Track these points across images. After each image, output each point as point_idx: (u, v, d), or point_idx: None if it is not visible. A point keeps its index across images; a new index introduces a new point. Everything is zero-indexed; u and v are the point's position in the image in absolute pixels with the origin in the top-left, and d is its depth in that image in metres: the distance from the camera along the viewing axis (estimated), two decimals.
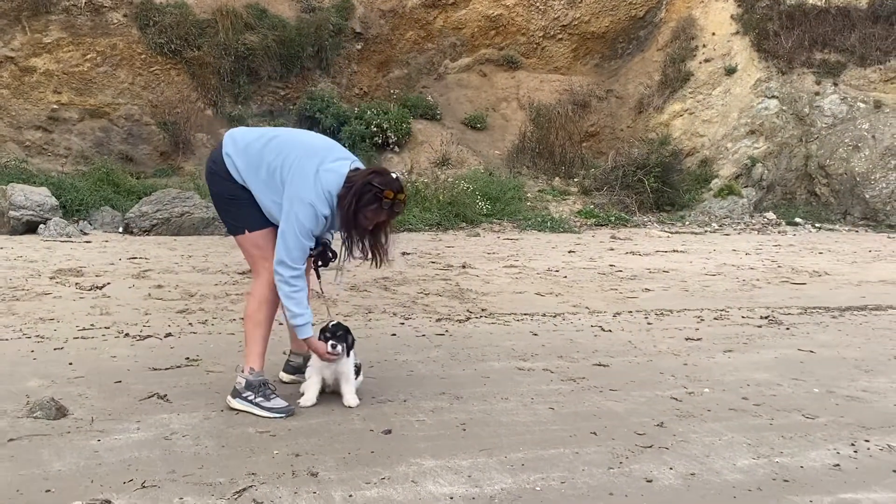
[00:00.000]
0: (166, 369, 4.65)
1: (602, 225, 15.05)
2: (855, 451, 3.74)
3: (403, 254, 9.62)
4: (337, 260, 4.18)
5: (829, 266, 9.89)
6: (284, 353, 4.64)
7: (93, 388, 4.25)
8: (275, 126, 7.77)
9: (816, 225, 17.29)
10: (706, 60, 19.73)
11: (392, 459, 3.48)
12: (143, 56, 16.08)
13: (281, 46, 17.49)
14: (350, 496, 3.11)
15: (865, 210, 17.96)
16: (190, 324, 5.74)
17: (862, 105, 18.63)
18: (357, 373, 4.20)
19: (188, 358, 4.89)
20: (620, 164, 17.48)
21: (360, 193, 3.83)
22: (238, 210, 4.09)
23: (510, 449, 3.64)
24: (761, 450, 3.74)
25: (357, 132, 17.03)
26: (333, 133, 16.90)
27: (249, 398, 3.99)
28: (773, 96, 18.97)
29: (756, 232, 15.84)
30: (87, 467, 3.29)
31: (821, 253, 11.40)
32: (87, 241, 10.28)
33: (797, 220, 17.42)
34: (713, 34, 20.06)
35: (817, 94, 18.91)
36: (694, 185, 18.09)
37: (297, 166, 3.93)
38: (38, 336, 5.25)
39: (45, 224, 11.11)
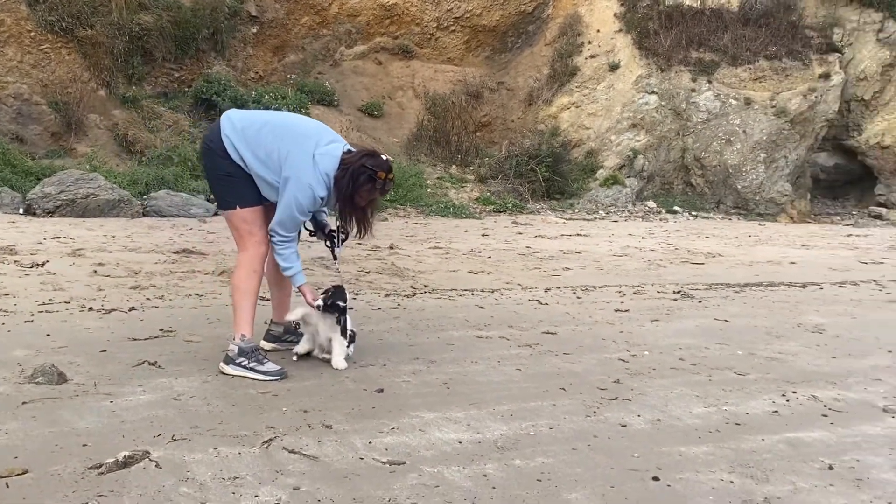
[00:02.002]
0: (145, 339, 4.80)
1: (500, 211, 15.63)
2: (787, 401, 4.32)
3: None
4: (346, 238, 4.51)
5: (720, 248, 10.77)
6: (266, 323, 4.86)
7: (81, 357, 4.37)
8: (259, 109, 7.86)
9: (693, 213, 18.48)
10: (591, 56, 20.60)
11: (394, 413, 3.81)
12: (32, 34, 15.50)
13: (176, 27, 17.21)
14: (370, 443, 3.43)
15: (737, 199, 19.33)
16: (148, 299, 5.85)
17: (734, 102, 19.94)
18: (351, 340, 4.48)
19: (162, 329, 5.04)
20: (514, 154, 18.14)
21: (356, 175, 4.15)
22: (231, 187, 4.30)
23: (494, 403, 4.03)
24: (709, 400, 4.27)
25: None
26: None
27: (243, 364, 4.22)
28: (653, 92, 20.02)
29: (640, 219, 16.80)
30: (112, 425, 3.47)
31: (707, 237, 12.33)
32: None
33: (676, 208, 18.57)
34: (598, 31, 20.94)
35: (693, 90, 20.08)
36: (581, 174, 18.95)
37: (294, 151, 4.20)
38: (0, 310, 5.26)
39: None
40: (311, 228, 4.56)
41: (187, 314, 5.51)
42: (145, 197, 12.72)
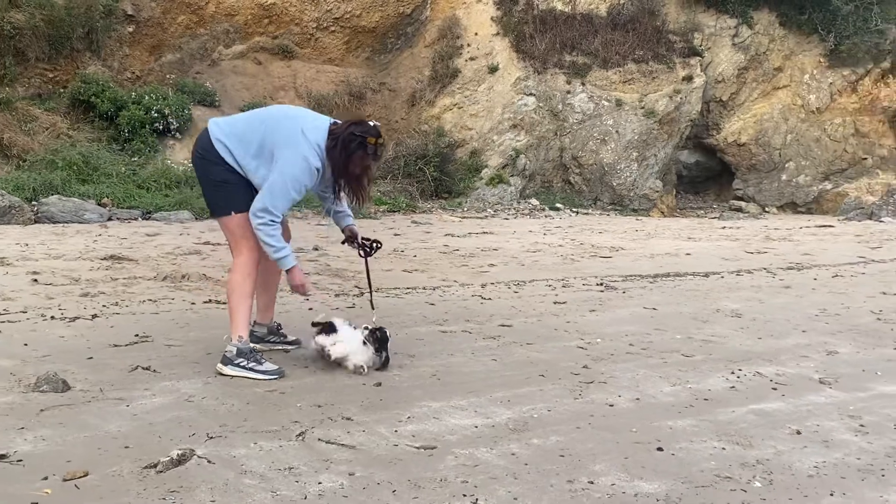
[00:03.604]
0: (126, 345, 4.82)
1: (394, 211, 15.88)
2: (738, 378, 4.81)
3: None
4: (379, 247, 4.84)
5: (620, 243, 11.43)
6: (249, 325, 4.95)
7: (71, 365, 4.36)
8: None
9: (574, 209, 19.32)
10: (471, 59, 21.12)
11: (402, 404, 4.04)
12: None
13: (49, 26, 16.53)
14: (395, 431, 3.65)
15: (613, 196, 20.34)
16: (105, 306, 5.79)
17: (606, 103, 20.93)
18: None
19: (137, 335, 5.05)
20: (402, 154, 18.43)
21: (346, 142, 4.28)
22: (226, 193, 4.40)
23: (488, 391, 4.32)
24: (671, 380, 4.70)
25: (136, 117, 16.47)
26: (111, 118, 16.37)
27: (242, 364, 4.33)
28: (531, 94, 20.75)
29: (526, 216, 17.43)
30: (142, 427, 3.55)
31: (601, 233, 13.02)
32: None
33: (557, 205, 19.35)
34: (476, 34, 21.47)
35: (568, 92, 20.93)
36: (467, 174, 19.44)
37: (284, 131, 4.33)
38: None
39: None
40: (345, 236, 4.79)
41: (153, 319, 5.51)
42: (34, 203, 12.24)
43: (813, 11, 22.63)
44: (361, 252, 4.81)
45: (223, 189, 4.40)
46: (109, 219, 12.19)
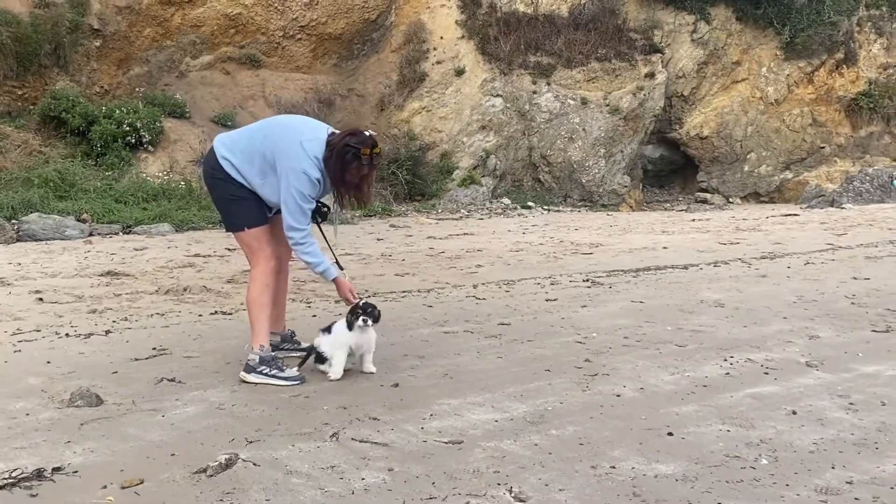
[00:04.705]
0: (147, 359, 4.98)
1: (370, 215, 16.06)
2: (731, 365, 5.09)
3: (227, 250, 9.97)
4: (331, 212, 4.80)
5: (598, 239, 11.74)
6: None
7: (98, 380, 4.52)
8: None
9: (545, 207, 19.65)
10: (438, 62, 21.35)
11: (421, 403, 4.25)
12: None
13: (17, 43, 16.53)
14: (422, 428, 3.87)
15: (583, 193, 20.72)
16: (115, 322, 5.94)
17: (572, 102, 21.29)
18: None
19: (154, 348, 5.21)
20: None
21: (341, 154, 4.45)
22: (238, 209, 4.62)
23: (499, 387, 4.55)
24: (670, 369, 4.97)
25: (108, 132, 16.48)
26: (82, 134, 16.36)
27: (265, 372, 4.53)
28: (498, 95, 21.06)
29: (500, 216, 17.72)
30: (182, 435, 3.73)
31: (577, 230, 13.34)
32: None
33: (529, 203, 19.68)
34: (441, 38, 21.69)
35: (535, 92, 21.26)
36: (439, 176, 19.70)
37: (283, 144, 4.53)
38: None
39: None
40: None
41: (165, 332, 5.67)
42: (14, 221, 12.26)
43: (768, 6, 23.21)
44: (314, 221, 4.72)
45: (235, 205, 4.61)
46: (91, 234, 12.25)
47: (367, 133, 4.54)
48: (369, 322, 4.60)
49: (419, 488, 3.17)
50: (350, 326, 4.59)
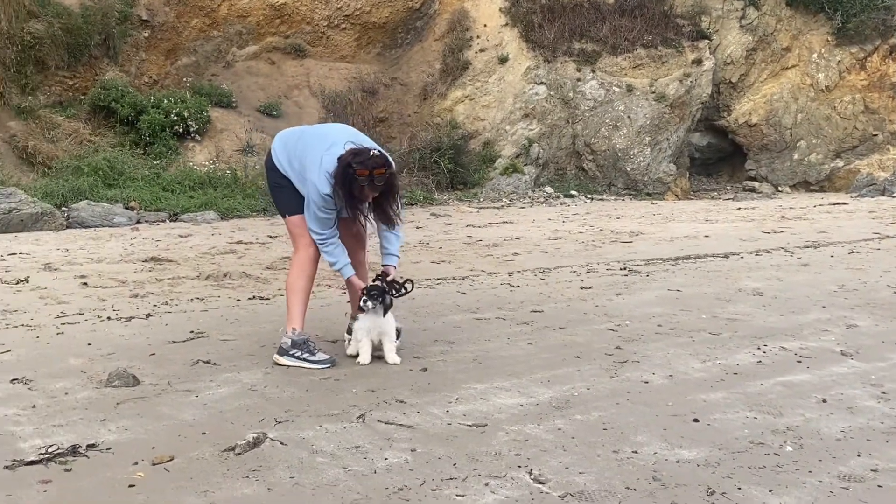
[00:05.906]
0: (184, 341, 5.11)
1: (412, 204, 16.12)
2: (764, 353, 5.05)
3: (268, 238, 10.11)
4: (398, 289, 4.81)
5: (638, 228, 11.68)
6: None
7: (135, 362, 4.64)
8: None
9: (588, 196, 19.55)
10: (481, 50, 21.30)
11: (448, 387, 4.31)
12: None
13: (68, 34, 16.87)
14: (447, 411, 3.92)
15: (627, 181, 20.56)
16: (155, 306, 6.09)
17: (617, 89, 21.10)
18: (397, 336, 4.84)
19: (192, 332, 5.34)
20: (416, 148, 18.71)
21: (342, 174, 4.46)
22: (283, 197, 4.81)
23: (527, 373, 4.58)
24: (701, 357, 4.96)
25: (156, 121, 16.77)
26: (131, 123, 16.67)
27: (297, 354, 4.63)
28: (542, 83, 20.93)
29: (542, 204, 17.67)
30: (213, 415, 3.83)
31: (619, 218, 13.26)
32: None
33: (572, 192, 19.58)
34: (485, 26, 21.64)
35: (579, 80, 21.09)
36: (481, 164, 19.69)
37: (310, 153, 4.64)
38: (23, 325, 5.42)
39: None
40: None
41: (203, 316, 5.80)
42: (64, 209, 12.58)
43: None
44: (392, 292, 4.78)
45: (279, 193, 4.82)
46: (138, 221, 12.50)
47: (372, 152, 4.47)
48: (369, 304, 4.61)
49: (440, 468, 3.22)
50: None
